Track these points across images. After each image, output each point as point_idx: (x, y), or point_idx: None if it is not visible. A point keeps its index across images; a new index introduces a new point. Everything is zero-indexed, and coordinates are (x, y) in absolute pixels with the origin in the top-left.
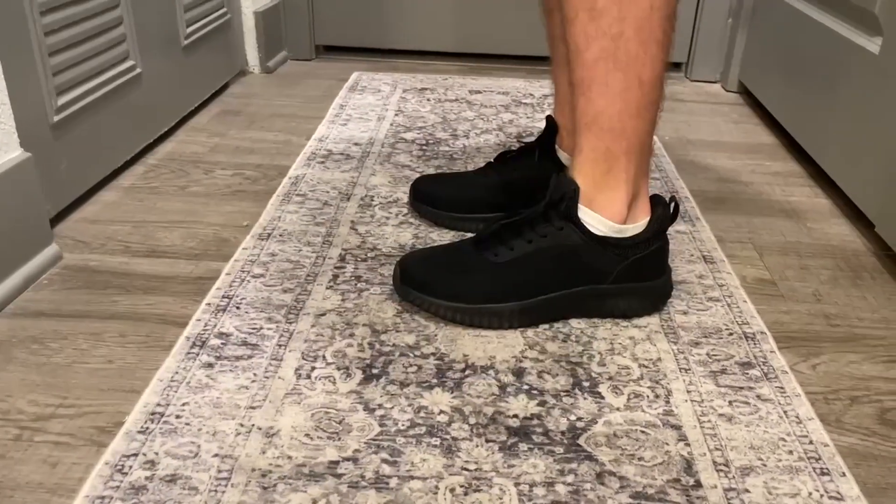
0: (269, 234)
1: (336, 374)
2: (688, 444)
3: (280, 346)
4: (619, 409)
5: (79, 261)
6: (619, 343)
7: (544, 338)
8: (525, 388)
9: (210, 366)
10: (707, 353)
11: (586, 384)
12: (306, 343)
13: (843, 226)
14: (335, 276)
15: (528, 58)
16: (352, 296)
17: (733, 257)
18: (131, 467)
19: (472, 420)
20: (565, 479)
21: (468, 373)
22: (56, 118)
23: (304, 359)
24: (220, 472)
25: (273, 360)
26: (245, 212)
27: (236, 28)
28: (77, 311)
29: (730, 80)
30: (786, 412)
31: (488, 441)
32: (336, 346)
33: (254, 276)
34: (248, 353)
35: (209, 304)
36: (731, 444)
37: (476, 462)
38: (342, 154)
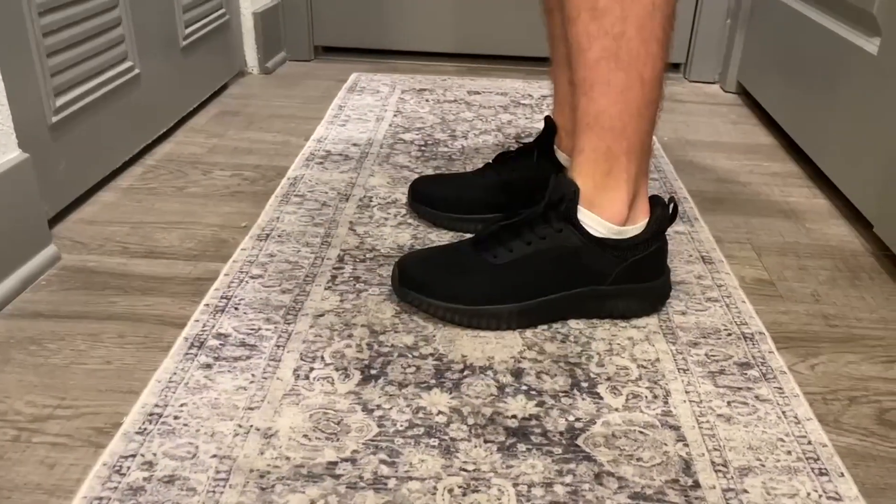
0: (268, 235)
1: (334, 375)
2: (686, 445)
3: (278, 346)
4: (617, 410)
5: (77, 262)
6: (618, 343)
7: (543, 338)
8: (524, 388)
9: (208, 366)
10: (705, 354)
11: (585, 385)
12: (305, 344)
13: (842, 226)
14: (334, 277)
15: (526, 59)
16: (350, 296)
17: (732, 258)
18: (129, 468)
19: (471, 421)
20: (564, 480)
21: (467, 373)
22: (54, 119)
23: (302, 359)
24: (218, 472)
25: (271, 360)
26: (243, 212)
27: (235, 29)
28: (75, 312)
29: (728, 80)
30: (784, 412)
31: (487, 442)
32: (334, 346)
33: (252, 277)
34: (246, 354)
35: (207, 305)
36: (730, 444)
37: (474, 462)
38: (341, 155)
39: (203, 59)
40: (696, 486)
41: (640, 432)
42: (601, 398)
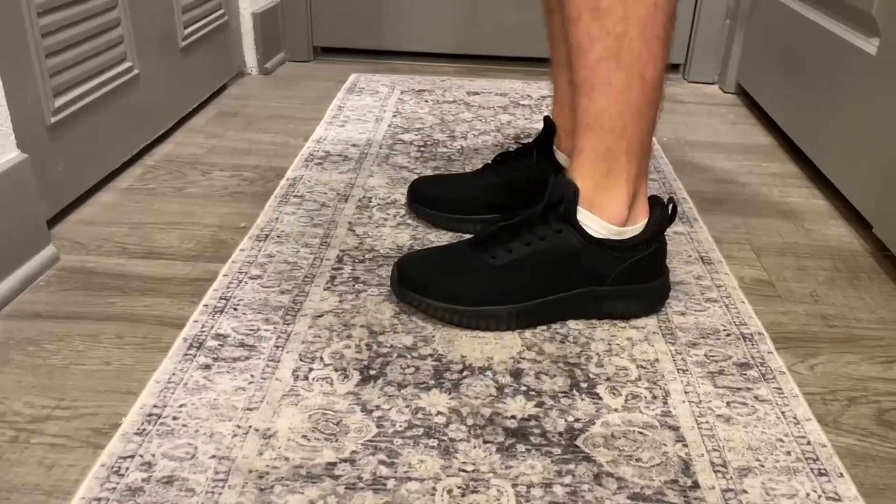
0: (267, 236)
1: (333, 376)
2: (685, 445)
3: (277, 347)
4: (616, 410)
5: (76, 262)
6: (617, 344)
7: (542, 339)
8: (523, 389)
9: (207, 367)
10: (705, 354)
11: (584, 385)
12: (304, 344)
13: (841, 227)
14: (333, 278)
15: (525, 59)
16: (349, 297)
17: (731, 258)
18: (128, 469)
19: (470, 421)
20: (563, 480)
21: (466, 374)
22: (53, 120)
23: (301, 360)
24: (216, 473)
25: (270, 361)
26: (242, 213)
27: (234, 29)
28: (74, 313)
29: (727, 81)
30: (783, 413)
31: (486, 442)
32: (334, 347)
33: (251, 278)
34: (245, 355)
35: (206, 306)
36: (729, 444)
37: (474, 463)
38: (340, 155)
39: (202, 59)
40: (696, 486)
41: (640, 433)
42: (600, 399)
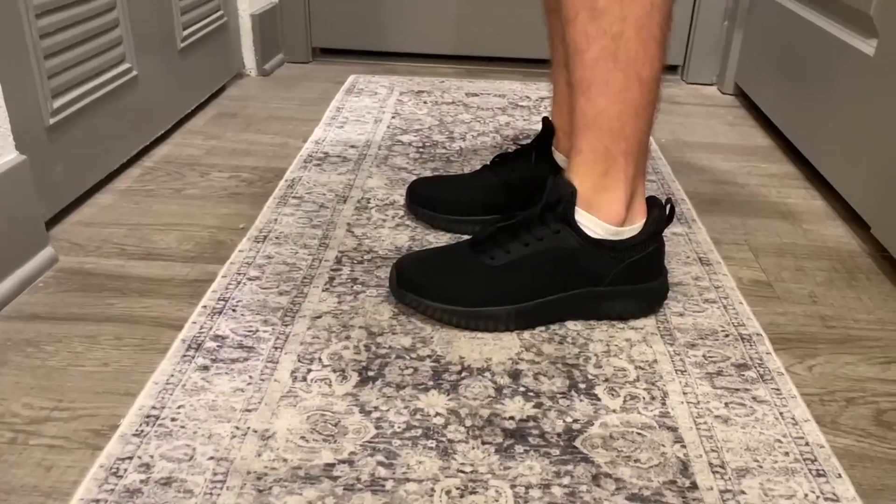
0: (266, 237)
1: (332, 377)
2: (684, 446)
3: (276, 348)
4: (615, 411)
5: (74, 263)
6: (616, 345)
7: (540, 340)
8: (521, 390)
9: (206, 368)
10: (703, 355)
11: (582, 386)
12: (302, 345)
13: (839, 227)
14: (331, 279)
15: (524, 60)
16: (348, 298)
17: (729, 259)
18: (126, 470)
19: (469, 422)
20: (561, 481)
21: (464, 375)
22: (52, 121)
23: (299, 361)
24: (215, 475)
25: (269, 362)
26: (241, 214)
27: (233, 31)
28: (72, 314)
29: (726, 82)
30: (782, 414)
31: (484, 443)
32: (332, 348)
33: (250, 279)
34: (243, 356)
35: (205, 307)
36: (727, 445)
37: (472, 464)
38: (339, 156)
39: (201, 60)
40: (694, 487)
41: (638, 433)
42: (599, 399)
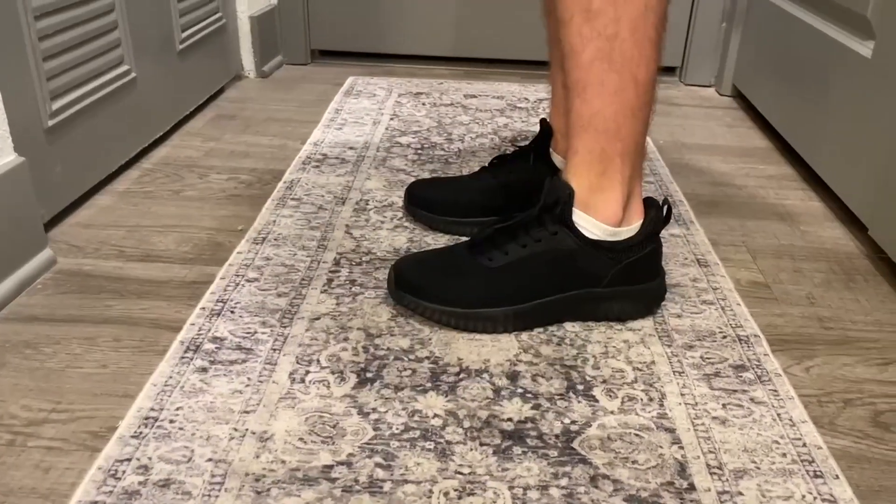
0: (264, 239)
1: (330, 378)
2: (681, 447)
3: (274, 350)
4: (613, 413)
5: (73, 265)
6: (614, 346)
7: (538, 341)
8: (519, 391)
9: (204, 370)
10: (701, 356)
11: (580, 387)
12: (300, 347)
13: (837, 229)
14: (330, 280)
15: (522, 62)
16: (346, 300)
17: (727, 260)
18: (124, 472)
19: (467, 424)
20: (559, 483)
21: (462, 376)
22: (50, 123)
23: (298, 363)
24: (213, 476)
25: (267, 364)
26: (240, 216)
27: (232, 32)
28: (71, 316)
29: (724, 84)
30: (779, 415)
31: (482, 445)
32: (330, 350)
33: (248, 281)
34: (242, 358)
35: (203, 309)
36: (725, 446)
37: (470, 466)
38: (337, 158)
39: (199, 62)
40: (692, 488)
41: (636, 435)
42: (597, 401)
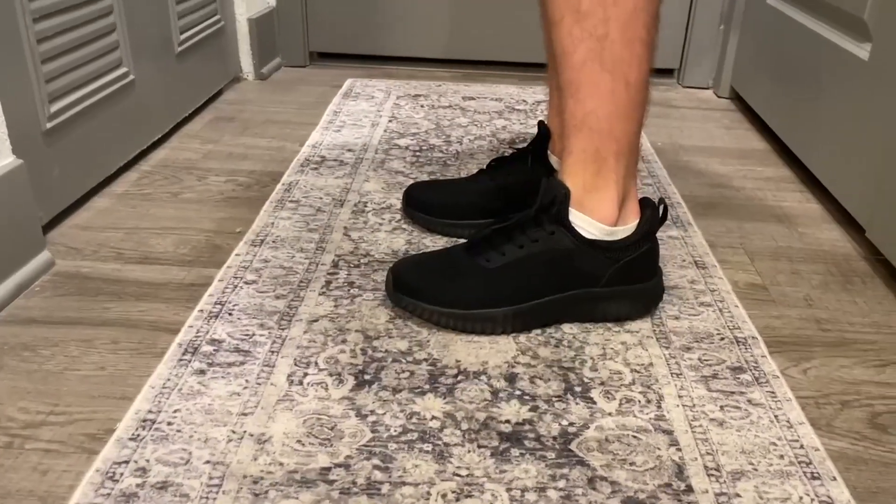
0: (262, 241)
1: (328, 381)
2: (679, 449)
3: (272, 352)
4: (610, 414)
5: (71, 267)
6: (611, 348)
7: (536, 343)
8: (517, 393)
9: (202, 372)
10: (699, 358)
11: (578, 389)
12: (299, 349)
13: (834, 230)
14: (328, 283)
15: (520, 64)
16: (344, 302)
17: (725, 262)
18: (122, 474)
19: (465, 426)
20: (557, 485)
21: (460, 378)
22: (48, 125)
23: (296, 365)
24: (211, 478)
25: (265, 366)
26: (238, 218)
27: (230, 35)
28: (69, 318)
29: (722, 86)
30: (777, 417)
31: (480, 447)
32: (328, 352)
33: (246, 283)
34: (240, 360)
35: (201, 311)
36: (723, 448)
37: (468, 468)
38: (336, 160)
39: (198, 64)
40: (689, 490)
41: (634, 437)
42: (594, 403)
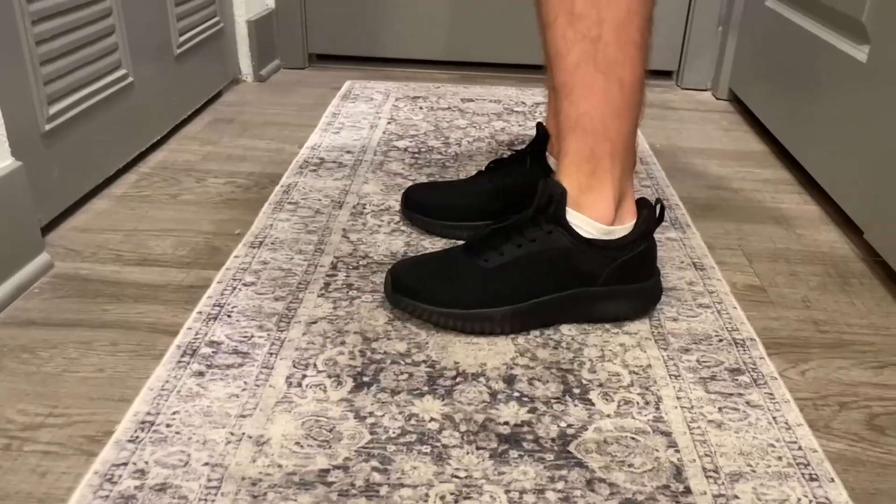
0: (261, 243)
1: (327, 382)
2: (677, 451)
3: (271, 354)
4: (609, 416)
5: (70, 269)
6: (610, 350)
7: (535, 345)
8: (516, 395)
9: (201, 374)
10: (697, 360)
11: (577, 391)
12: (297, 351)
13: (832, 232)
14: (327, 284)
15: (519, 66)
16: (343, 304)
17: (723, 264)
18: (121, 476)
19: (463, 427)
20: (555, 486)
21: (459, 380)
22: (47, 127)
23: (294, 367)
24: (210, 480)
25: (264, 368)
26: (237, 220)
27: (229, 36)
28: (68, 320)
29: (720, 88)
30: (775, 418)
31: (479, 448)
32: (327, 354)
33: (245, 285)
34: (238, 362)
35: (200, 313)
36: (721, 450)
37: (466, 469)
38: (334, 162)
39: (197, 66)
40: (688, 491)
41: (632, 438)
42: (593, 404)
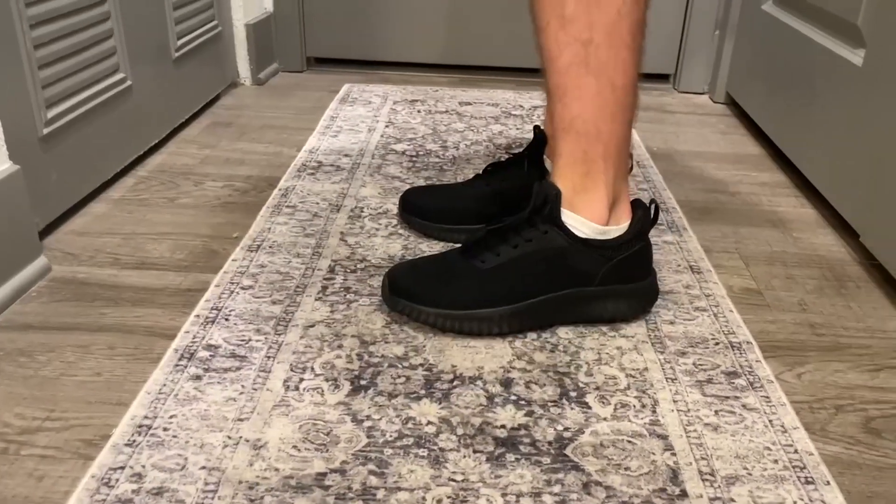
0: (259, 246)
1: (324, 386)
2: (674, 454)
3: (268, 357)
4: (605, 419)
5: (67, 273)
6: (607, 353)
7: (532, 348)
8: (513, 398)
9: (198, 378)
10: (693, 363)
11: (573, 394)
12: (295, 355)
13: (829, 235)
14: (324, 288)
15: (517, 70)
16: (341, 307)
17: (720, 267)
18: (118, 480)
19: (460, 431)
20: (552, 490)
21: (456, 383)
22: (45, 131)
23: (292, 370)
24: (207, 484)
25: (261, 371)
26: (235, 223)
27: (227, 40)
28: (65, 324)
29: (717, 91)
30: (771, 421)
31: (476, 452)
32: (324, 357)
33: (243, 288)
34: (236, 365)
35: (198, 316)
36: (717, 453)
37: (463, 473)
38: (332, 165)
39: (195, 70)
40: (684, 495)
41: (628, 441)
42: (589, 408)
